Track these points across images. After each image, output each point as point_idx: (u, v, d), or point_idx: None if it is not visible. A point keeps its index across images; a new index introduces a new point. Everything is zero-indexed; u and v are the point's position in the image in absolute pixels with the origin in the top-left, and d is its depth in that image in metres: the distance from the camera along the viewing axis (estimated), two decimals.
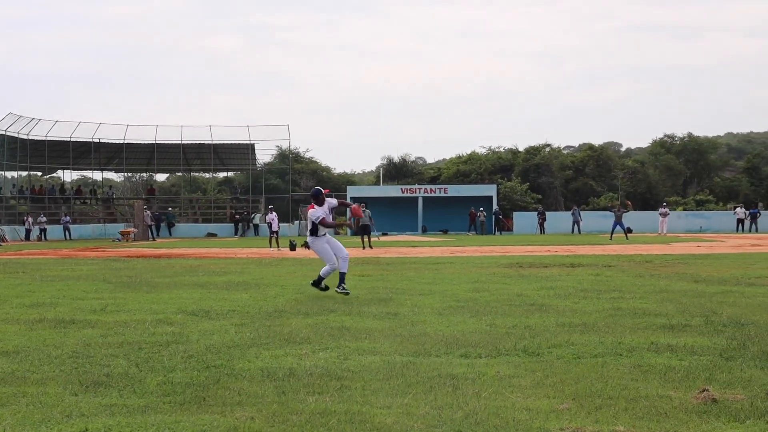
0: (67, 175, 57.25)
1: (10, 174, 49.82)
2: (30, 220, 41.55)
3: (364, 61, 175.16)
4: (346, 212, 40.39)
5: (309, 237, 11.11)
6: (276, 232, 27.71)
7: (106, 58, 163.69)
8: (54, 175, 57.84)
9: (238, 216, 48.17)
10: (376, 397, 4.89)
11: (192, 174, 60.98)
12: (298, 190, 56.61)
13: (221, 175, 64.95)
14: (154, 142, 51.47)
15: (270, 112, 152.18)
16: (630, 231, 34.06)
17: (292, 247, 25.94)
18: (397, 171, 66.09)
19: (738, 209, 43.50)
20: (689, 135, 68.07)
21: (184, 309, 9.37)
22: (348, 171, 79.97)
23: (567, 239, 32.85)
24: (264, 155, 60.78)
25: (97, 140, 50.46)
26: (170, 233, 46.29)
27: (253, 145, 52.15)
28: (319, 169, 69.95)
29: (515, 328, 7.58)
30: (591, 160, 63.39)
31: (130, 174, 64.57)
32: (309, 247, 11.39)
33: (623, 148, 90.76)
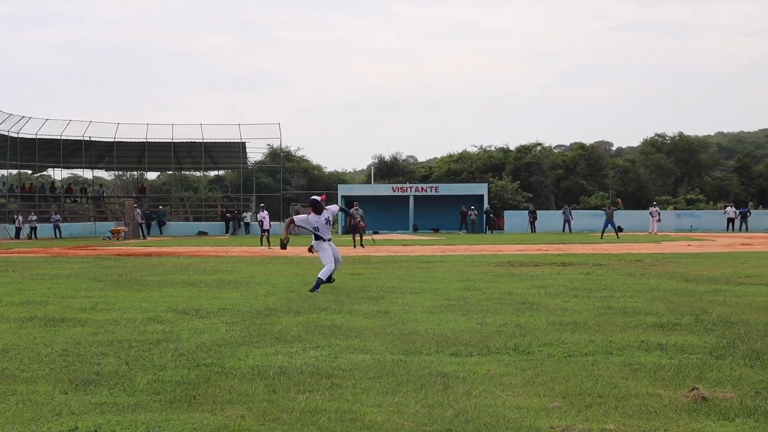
0: (58, 174, 57.13)
1: (0, 172, 49.61)
2: (20, 218, 41.29)
3: (355, 60, 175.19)
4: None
5: (314, 241, 11.82)
6: (267, 231, 27.66)
7: (97, 56, 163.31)
8: (44, 173, 57.61)
9: (229, 214, 48.12)
10: (366, 396, 4.89)
11: (183, 172, 60.75)
12: (289, 188, 56.60)
13: (212, 173, 64.78)
14: (144, 140, 51.34)
15: (261, 110, 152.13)
16: (621, 230, 34.11)
17: (283, 246, 25.82)
18: (388, 170, 66.07)
19: (728, 208, 43.66)
20: (680, 134, 68.44)
21: (175, 307, 9.35)
22: (339, 170, 79.72)
23: (558, 238, 32.92)
24: (255, 154, 61.10)
25: (88, 138, 50.24)
26: (161, 232, 46.21)
27: (244, 143, 52.12)
28: (310, 167, 69.97)
29: (506, 327, 7.59)
30: (582, 159, 63.57)
31: (120, 172, 64.29)
32: (313, 251, 12.08)
33: (614, 147, 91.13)
